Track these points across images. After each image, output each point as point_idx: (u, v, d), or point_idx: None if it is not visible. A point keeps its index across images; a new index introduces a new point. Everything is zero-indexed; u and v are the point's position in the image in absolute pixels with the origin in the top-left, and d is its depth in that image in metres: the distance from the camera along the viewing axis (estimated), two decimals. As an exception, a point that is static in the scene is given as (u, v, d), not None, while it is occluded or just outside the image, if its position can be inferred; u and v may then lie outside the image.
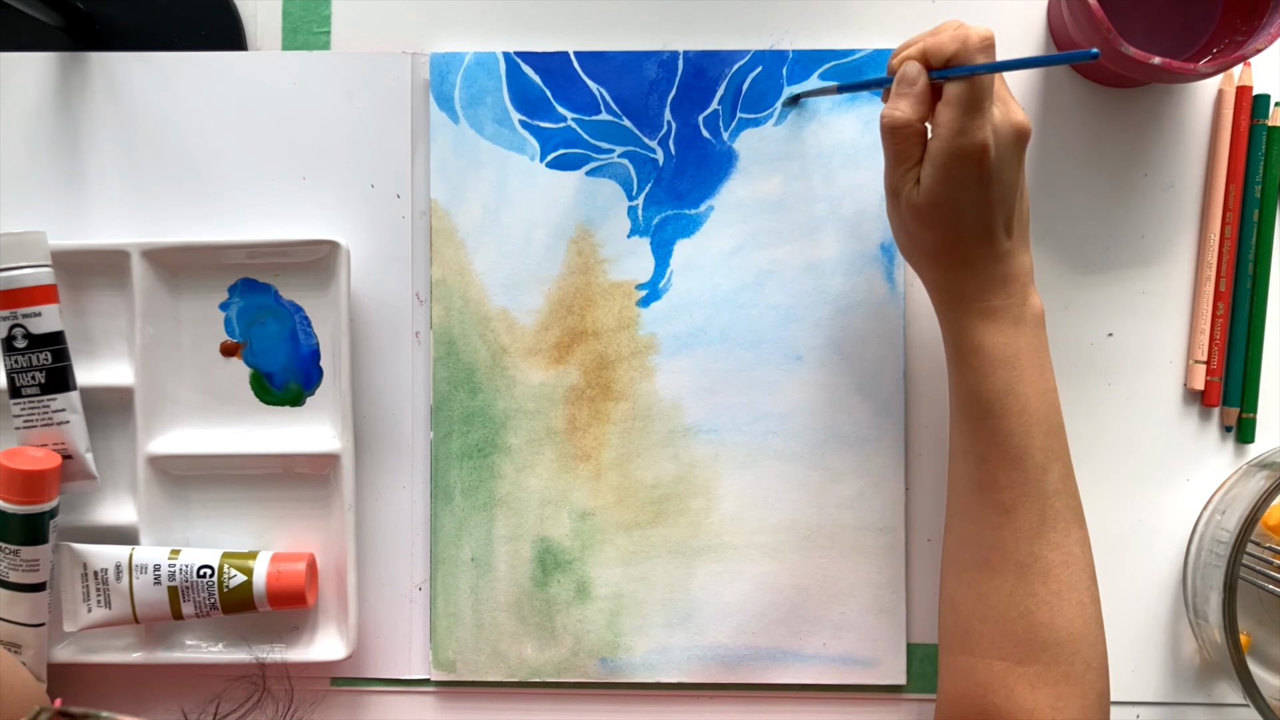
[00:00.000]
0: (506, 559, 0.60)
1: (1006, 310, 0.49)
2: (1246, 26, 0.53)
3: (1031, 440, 0.49)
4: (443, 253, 0.60)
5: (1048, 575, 0.49)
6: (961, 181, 0.47)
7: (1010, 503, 0.49)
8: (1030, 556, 0.49)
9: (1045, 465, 0.49)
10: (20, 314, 0.56)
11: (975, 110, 0.46)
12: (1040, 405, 0.49)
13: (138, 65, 0.61)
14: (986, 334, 0.49)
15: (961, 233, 0.49)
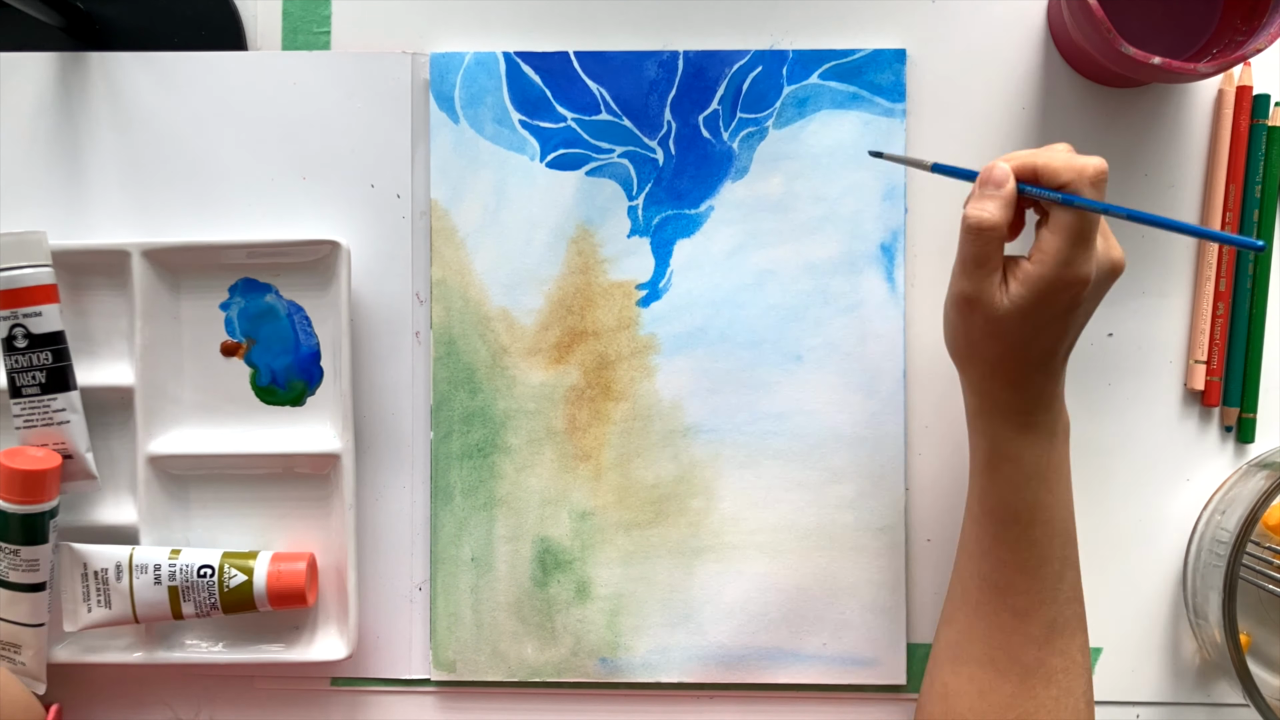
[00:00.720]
0: (506, 559, 0.60)
1: (1044, 425, 0.50)
2: (1246, 26, 0.53)
3: (1051, 550, 0.50)
4: (443, 253, 0.60)
5: (1050, 680, 0.50)
6: (1052, 309, 0.47)
7: (1024, 608, 0.50)
8: (1036, 661, 0.50)
9: (1061, 574, 0.50)
10: (21, 314, 0.56)
11: (1084, 244, 0.46)
12: (1063, 517, 0.50)
13: (138, 65, 0.61)
14: (1024, 447, 0.50)
15: (1030, 353, 0.49)
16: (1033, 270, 0.47)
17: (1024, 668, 0.50)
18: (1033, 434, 0.50)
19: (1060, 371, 0.50)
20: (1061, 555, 0.50)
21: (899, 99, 0.59)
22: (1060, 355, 0.49)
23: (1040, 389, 0.49)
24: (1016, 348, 0.48)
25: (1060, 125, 0.60)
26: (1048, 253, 0.46)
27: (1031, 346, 0.48)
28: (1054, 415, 0.50)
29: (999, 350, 0.49)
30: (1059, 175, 0.46)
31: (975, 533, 0.52)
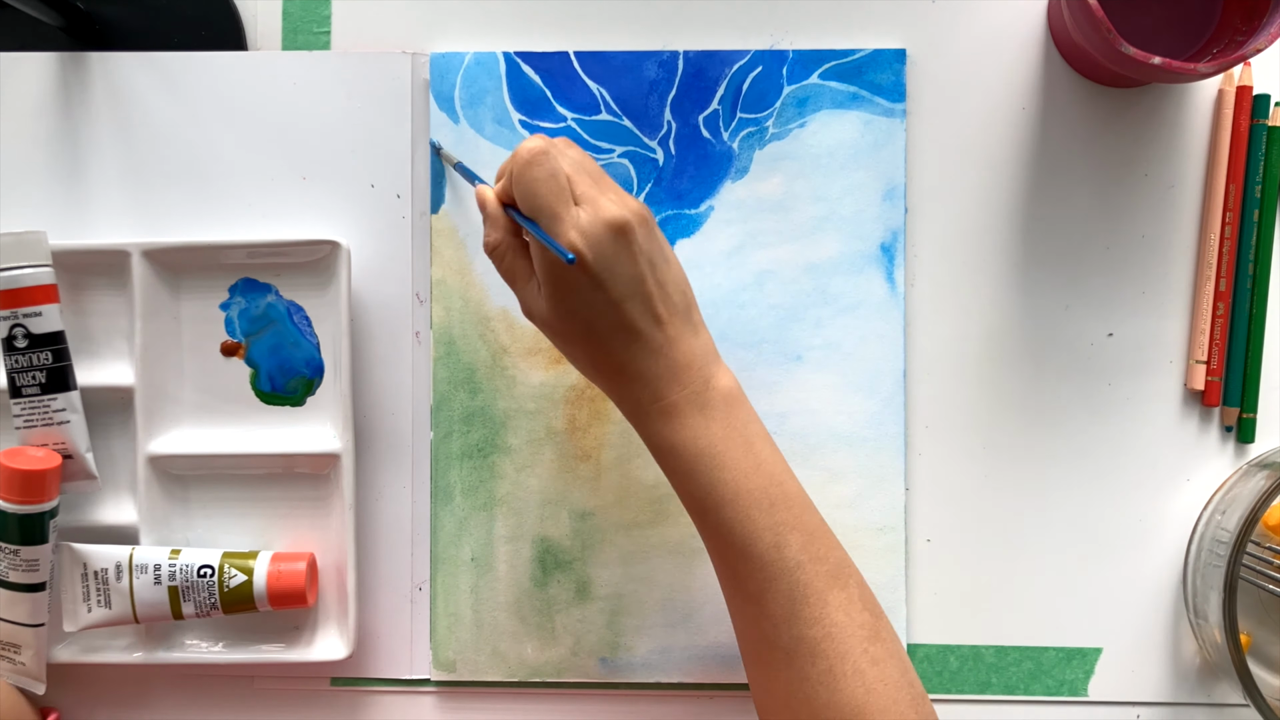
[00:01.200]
0: (506, 559, 0.60)
1: (687, 402, 0.47)
2: (1246, 26, 0.53)
3: (754, 523, 0.46)
4: (443, 253, 0.60)
5: (814, 654, 0.45)
6: (571, 291, 0.46)
7: (755, 590, 0.46)
8: (792, 640, 0.46)
9: (778, 543, 0.46)
10: (21, 314, 0.56)
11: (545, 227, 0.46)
12: (754, 485, 0.47)
13: (138, 65, 0.61)
14: (673, 432, 0.47)
15: (601, 340, 0.47)
16: (536, 268, 0.48)
17: (784, 650, 0.46)
18: (676, 417, 0.47)
19: (670, 341, 0.47)
20: (770, 524, 0.46)
21: (899, 99, 0.59)
22: (639, 328, 0.46)
23: (654, 369, 0.47)
24: (586, 339, 0.48)
25: (1060, 125, 0.60)
26: (535, 256, 0.47)
27: (595, 333, 0.47)
28: (694, 387, 0.47)
29: (579, 350, 0.49)
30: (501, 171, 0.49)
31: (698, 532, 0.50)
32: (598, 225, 0.46)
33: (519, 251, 0.49)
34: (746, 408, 0.49)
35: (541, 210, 0.46)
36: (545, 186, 0.46)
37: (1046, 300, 0.60)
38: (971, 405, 0.60)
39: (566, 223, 0.46)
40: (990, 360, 0.60)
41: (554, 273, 0.47)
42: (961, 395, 0.60)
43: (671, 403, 0.47)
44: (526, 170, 0.46)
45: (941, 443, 0.60)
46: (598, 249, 0.46)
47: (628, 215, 0.46)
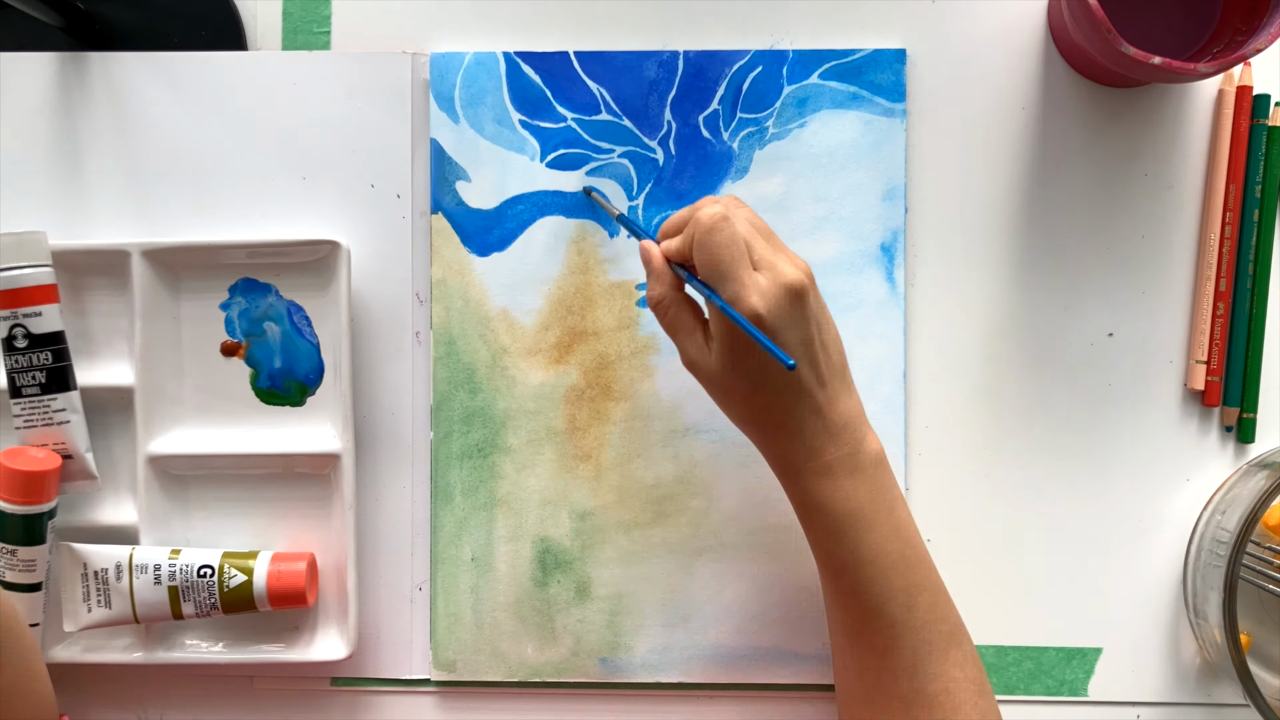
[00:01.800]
0: (506, 559, 0.60)
1: (841, 464, 0.49)
2: (1246, 26, 0.53)
3: (890, 585, 0.49)
4: (443, 253, 0.60)
5: (932, 705, 0.49)
6: (747, 352, 0.48)
7: (882, 645, 0.49)
8: (912, 692, 0.49)
9: (909, 603, 0.49)
10: (20, 314, 0.56)
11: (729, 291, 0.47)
12: (895, 548, 0.49)
13: (138, 65, 0.61)
14: (824, 493, 0.49)
15: (768, 395, 0.48)
16: (712, 325, 0.49)
17: (902, 700, 0.49)
18: (828, 477, 0.49)
19: (828, 403, 0.49)
20: (904, 586, 0.49)
21: (899, 99, 0.59)
22: (804, 388, 0.48)
23: (813, 428, 0.48)
24: (750, 396, 0.49)
25: (1060, 125, 0.60)
26: (712, 314, 0.48)
27: (763, 391, 0.48)
28: (847, 449, 0.49)
29: (743, 405, 0.50)
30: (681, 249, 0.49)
31: (823, 583, 0.52)
32: (778, 289, 0.47)
33: (684, 305, 0.51)
34: (889, 472, 0.50)
35: (725, 275, 0.47)
36: (727, 252, 0.47)
37: (1046, 300, 0.60)
38: (971, 405, 0.60)
39: (749, 288, 0.47)
40: (990, 360, 0.60)
41: (727, 335, 0.48)
42: (961, 395, 0.60)
43: (826, 463, 0.49)
44: (709, 237, 0.47)
45: (941, 443, 0.60)
46: (776, 312, 0.47)
47: (804, 279, 0.47)
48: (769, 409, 0.49)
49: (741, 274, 0.47)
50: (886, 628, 0.49)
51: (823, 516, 0.49)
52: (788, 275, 0.47)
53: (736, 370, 0.48)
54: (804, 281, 0.47)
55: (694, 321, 0.50)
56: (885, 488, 0.50)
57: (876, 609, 0.49)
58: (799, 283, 0.47)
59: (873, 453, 0.50)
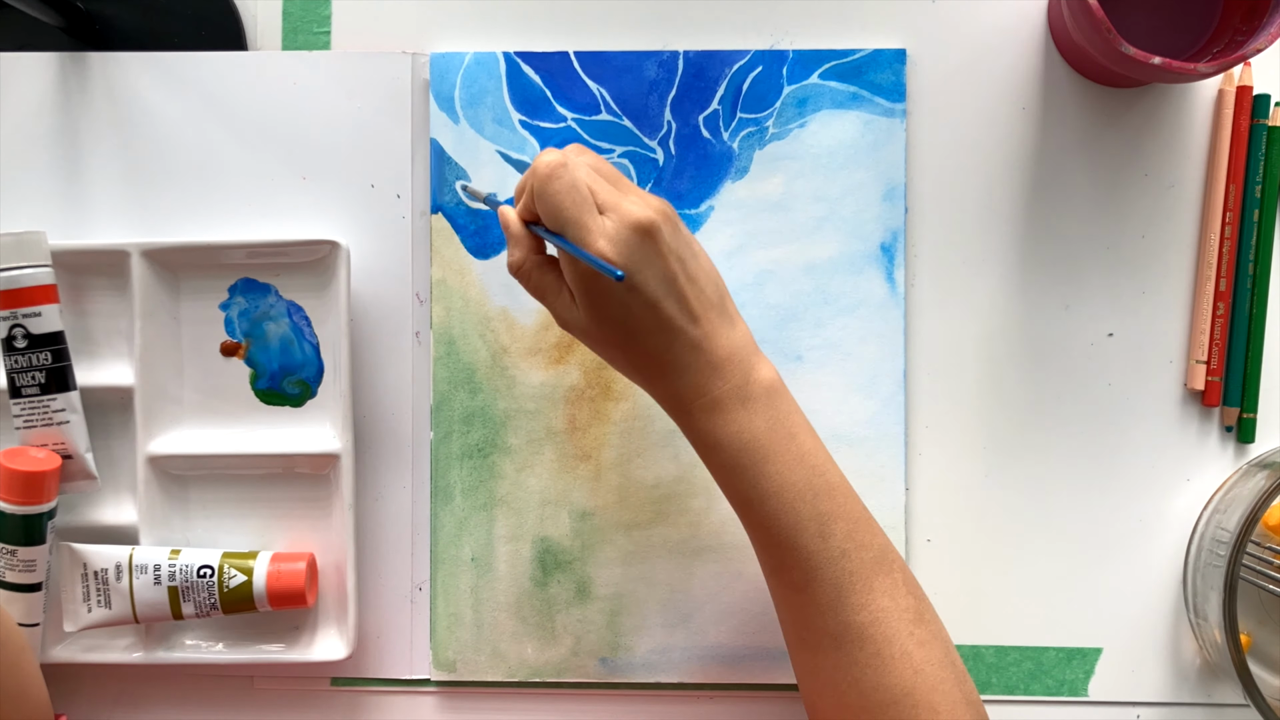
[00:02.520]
0: (506, 559, 0.60)
1: (730, 396, 0.47)
2: (1246, 26, 0.53)
3: (799, 514, 0.47)
4: (443, 253, 0.60)
5: (863, 638, 0.46)
6: (604, 298, 0.47)
7: (801, 581, 0.47)
8: (839, 625, 0.47)
9: (823, 532, 0.47)
10: (20, 314, 0.56)
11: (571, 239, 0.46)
12: (798, 477, 0.47)
13: (138, 65, 0.61)
14: (717, 428, 0.47)
15: (640, 342, 0.47)
16: (567, 278, 0.48)
17: (832, 636, 0.47)
18: (719, 412, 0.47)
19: (707, 336, 0.47)
20: (815, 514, 0.47)
21: (899, 99, 0.59)
22: (676, 326, 0.47)
23: (694, 364, 0.47)
24: (624, 344, 0.48)
25: (1060, 125, 0.60)
26: (565, 268, 0.48)
27: (633, 337, 0.47)
28: (737, 383, 0.47)
29: (619, 354, 0.49)
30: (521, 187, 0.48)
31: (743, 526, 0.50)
32: (624, 230, 0.45)
33: (545, 267, 0.49)
34: (787, 398, 0.49)
35: (568, 222, 0.46)
36: (568, 199, 0.46)
37: (1046, 300, 0.60)
38: (971, 405, 0.60)
39: (594, 232, 0.45)
40: (990, 360, 0.60)
41: (586, 283, 0.47)
42: (961, 395, 0.60)
43: (714, 398, 0.47)
44: (547, 185, 0.46)
45: (941, 443, 0.60)
46: (627, 253, 0.45)
47: (653, 215, 0.46)
48: (646, 353, 0.47)
49: (586, 219, 0.45)
50: (803, 561, 0.47)
51: (719, 452, 0.48)
52: (634, 213, 0.46)
53: (603, 320, 0.47)
54: (652, 218, 0.46)
55: (558, 281, 0.49)
56: (783, 415, 0.48)
57: (789, 542, 0.47)
58: (647, 219, 0.46)
59: (765, 381, 0.48)
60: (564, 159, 0.46)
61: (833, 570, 0.47)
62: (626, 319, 0.47)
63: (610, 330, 0.48)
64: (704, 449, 0.49)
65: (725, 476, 0.48)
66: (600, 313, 0.47)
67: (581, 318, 0.48)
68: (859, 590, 0.47)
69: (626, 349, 0.48)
